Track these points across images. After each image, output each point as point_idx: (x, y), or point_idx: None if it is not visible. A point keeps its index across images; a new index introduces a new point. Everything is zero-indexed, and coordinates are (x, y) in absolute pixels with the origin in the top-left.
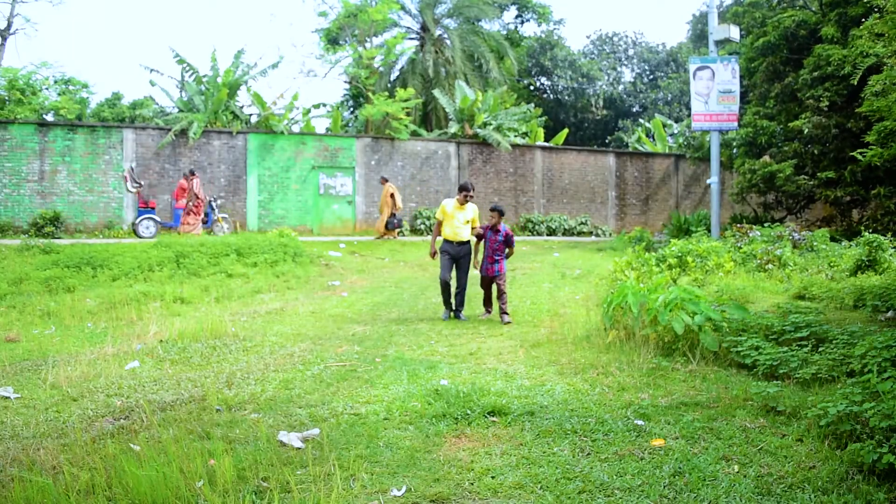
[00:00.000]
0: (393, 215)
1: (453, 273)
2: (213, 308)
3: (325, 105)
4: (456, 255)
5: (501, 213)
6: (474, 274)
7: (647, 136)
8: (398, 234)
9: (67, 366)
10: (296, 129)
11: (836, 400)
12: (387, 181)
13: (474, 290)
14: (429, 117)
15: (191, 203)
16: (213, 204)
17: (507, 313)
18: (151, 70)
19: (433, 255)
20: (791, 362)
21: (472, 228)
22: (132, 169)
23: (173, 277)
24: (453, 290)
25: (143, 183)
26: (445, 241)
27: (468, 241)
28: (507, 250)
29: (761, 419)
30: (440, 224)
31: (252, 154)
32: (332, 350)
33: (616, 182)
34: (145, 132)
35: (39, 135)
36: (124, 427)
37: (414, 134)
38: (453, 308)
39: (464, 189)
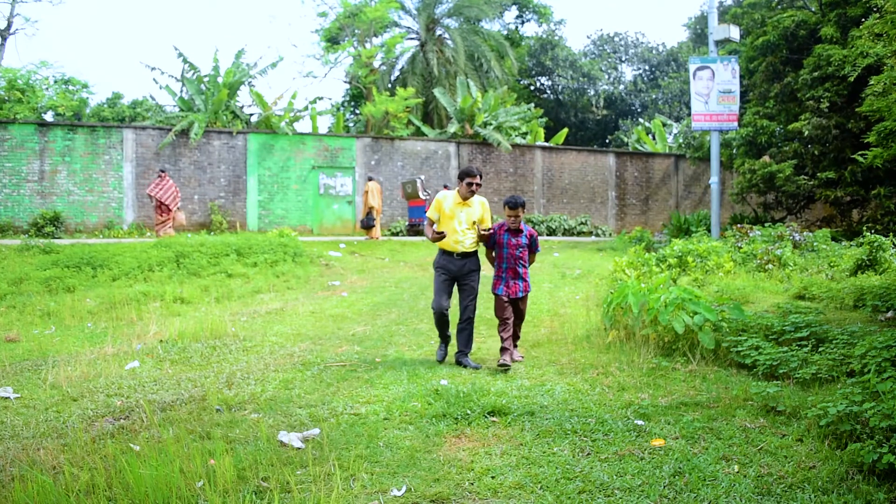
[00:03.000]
0: (367, 214)
1: (454, 299)
2: (213, 308)
3: (327, 99)
4: (458, 274)
5: (523, 207)
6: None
7: (648, 135)
8: (369, 234)
9: (67, 366)
10: (298, 123)
11: (836, 400)
12: (369, 179)
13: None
14: (430, 117)
15: (163, 202)
16: None
17: (514, 347)
18: (153, 68)
19: (435, 238)
20: (791, 362)
21: (480, 232)
22: (423, 180)
23: (173, 277)
24: (454, 321)
25: (430, 193)
26: (442, 252)
27: (475, 252)
28: (530, 257)
29: (761, 419)
30: (432, 223)
31: (252, 154)
32: (332, 350)
33: (616, 182)
34: (145, 132)
35: (39, 135)
36: (124, 427)
37: (417, 131)
38: (458, 347)
39: (468, 175)
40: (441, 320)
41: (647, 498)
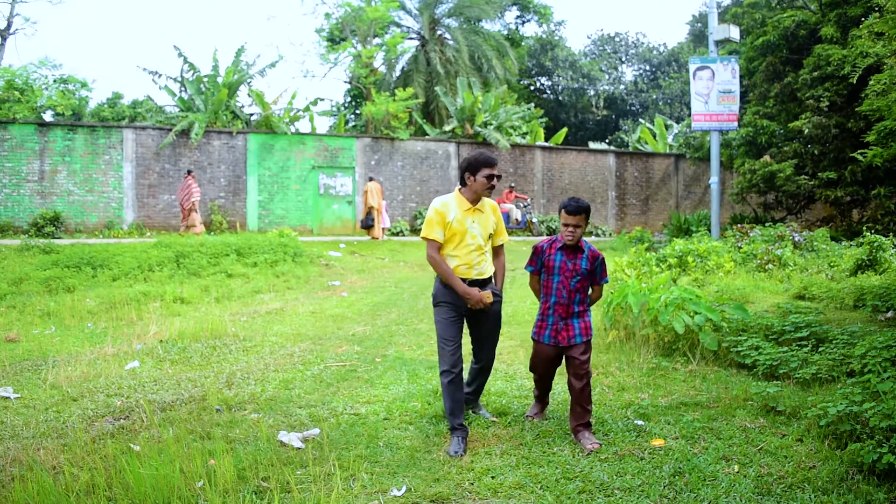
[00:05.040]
0: (367, 214)
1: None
2: (213, 308)
3: (326, 100)
4: (468, 310)
5: (587, 214)
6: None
7: (650, 134)
8: (369, 233)
9: (67, 366)
10: (297, 124)
11: (836, 400)
12: (370, 179)
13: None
14: (430, 116)
15: (186, 202)
16: (529, 206)
17: (589, 426)
18: (150, 72)
19: (479, 298)
20: (791, 362)
21: (497, 247)
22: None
23: (173, 277)
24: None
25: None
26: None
27: (491, 278)
28: (592, 290)
29: (761, 419)
30: (438, 248)
31: (252, 154)
32: (332, 350)
33: (616, 182)
34: (145, 132)
35: (39, 135)
36: (124, 427)
37: (418, 130)
38: (469, 405)
39: (487, 164)
40: (453, 389)
41: (647, 498)
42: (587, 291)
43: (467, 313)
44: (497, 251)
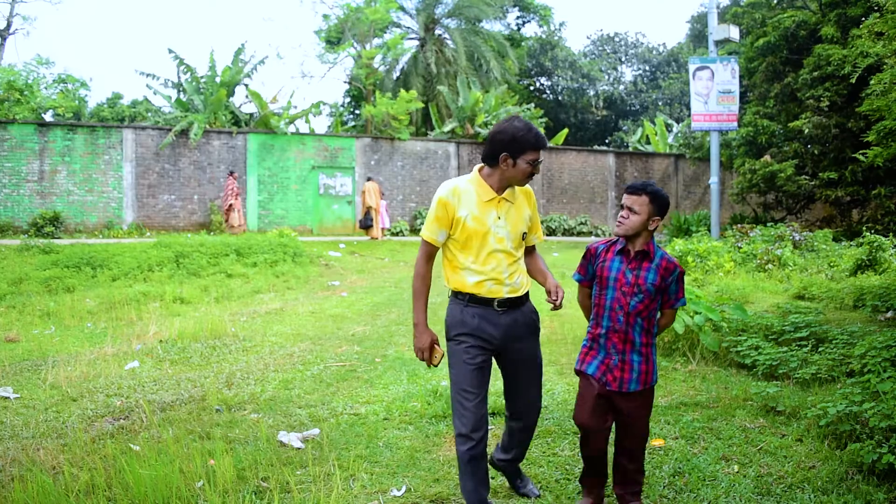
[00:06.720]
0: (366, 214)
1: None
2: (213, 308)
3: (325, 104)
4: (501, 343)
5: (663, 205)
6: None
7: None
8: (368, 234)
9: (67, 366)
10: (295, 124)
11: (836, 400)
12: (368, 179)
13: None
14: (430, 117)
15: (224, 203)
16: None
17: (639, 496)
18: (147, 75)
19: (429, 353)
20: (791, 362)
21: (529, 247)
22: None
23: (173, 277)
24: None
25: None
26: (464, 301)
27: (527, 295)
28: (661, 314)
29: (761, 419)
30: (432, 253)
31: (252, 154)
32: (332, 350)
33: (616, 182)
34: (145, 132)
35: (39, 135)
36: (124, 427)
37: (418, 131)
38: (507, 475)
39: (534, 147)
40: (475, 464)
41: (647, 498)
42: (654, 316)
43: (498, 349)
44: (529, 251)
